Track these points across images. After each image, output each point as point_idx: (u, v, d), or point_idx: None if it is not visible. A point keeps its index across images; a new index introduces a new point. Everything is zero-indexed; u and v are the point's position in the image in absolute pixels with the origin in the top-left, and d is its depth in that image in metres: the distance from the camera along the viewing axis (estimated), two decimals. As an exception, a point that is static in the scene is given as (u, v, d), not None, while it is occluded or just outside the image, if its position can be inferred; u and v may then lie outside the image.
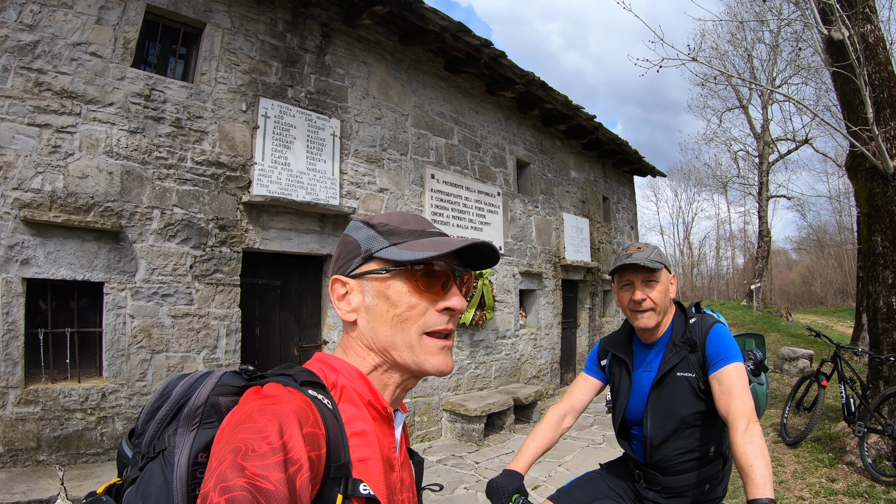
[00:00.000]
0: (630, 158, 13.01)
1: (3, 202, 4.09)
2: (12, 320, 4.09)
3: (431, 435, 7.24)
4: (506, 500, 2.06)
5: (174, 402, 0.93)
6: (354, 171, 6.65)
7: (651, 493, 2.33)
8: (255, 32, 5.71)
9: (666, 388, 2.22)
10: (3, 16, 4.16)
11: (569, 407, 2.48)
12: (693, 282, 40.68)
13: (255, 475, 0.68)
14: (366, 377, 1.01)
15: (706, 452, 2.22)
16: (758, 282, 20.67)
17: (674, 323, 2.31)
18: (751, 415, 1.90)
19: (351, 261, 1.03)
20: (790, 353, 9.75)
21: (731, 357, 2.07)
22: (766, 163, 21.63)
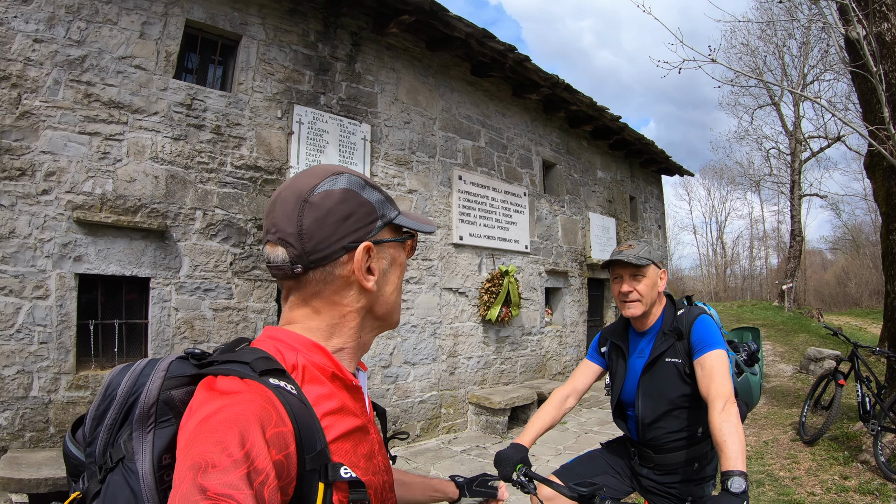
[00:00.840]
0: (657, 158, 12.90)
1: (58, 204, 4.36)
2: (65, 312, 4.35)
3: (457, 427, 7.37)
4: (510, 468, 2.20)
5: (121, 402, 0.84)
6: (385, 173, 6.82)
7: (645, 469, 2.50)
8: (289, 43, 5.92)
9: (656, 372, 2.38)
10: (52, 32, 4.42)
11: (571, 389, 2.67)
12: (726, 282, 39.65)
13: (217, 495, 0.62)
14: (325, 350, 0.94)
15: (694, 433, 2.36)
16: (789, 282, 20.16)
17: (664, 313, 2.47)
18: (728, 396, 2.02)
19: (371, 225, 0.96)
20: (816, 354, 9.57)
21: (714, 344, 2.20)
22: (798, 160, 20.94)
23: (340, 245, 0.92)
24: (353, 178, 0.97)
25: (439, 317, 7.28)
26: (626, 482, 2.60)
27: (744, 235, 42.39)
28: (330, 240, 0.91)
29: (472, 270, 7.81)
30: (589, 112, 9.76)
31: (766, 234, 39.00)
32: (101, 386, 0.88)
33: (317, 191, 0.92)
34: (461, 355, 7.55)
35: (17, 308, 4.16)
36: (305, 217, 0.90)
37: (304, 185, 0.93)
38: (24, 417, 4.15)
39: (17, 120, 4.24)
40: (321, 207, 0.91)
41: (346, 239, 0.92)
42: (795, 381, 9.20)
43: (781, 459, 5.58)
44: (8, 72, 4.23)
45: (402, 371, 6.74)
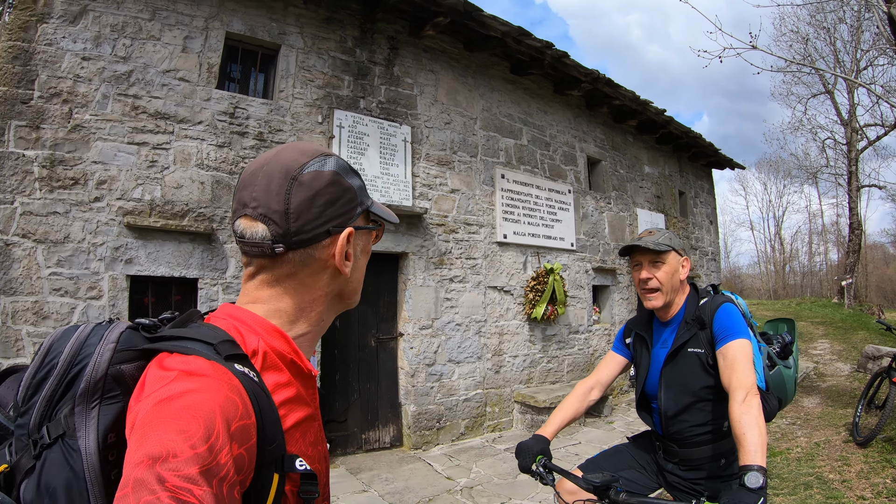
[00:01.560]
0: (706, 151, 12.39)
1: (109, 210, 4.54)
2: (118, 311, 4.51)
3: (502, 425, 7.25)
4: (530, 459, 2.17)
5: (62, 371, 0.78)
6: (426, 173, 6.80)
7: (670, 464, 2.37)
8: (327, 50, 5.99)
9: (678, 362, 2.27)
10: (99, 50, 4.63)
11: (595, 381, 2.58)
12: (785, 280, 37.77)
13: (176, 488, 0.59)
14: (287, 336, 0.89)
15: (720, 427, 2.22)
16: (849, 278, 18.99)
17: (687, 302, 2.35)
18: (750, 387, 1.90)
19: (352, 210, 0.94)
20: (874, 352, 8.95)
21: (737, 333, 2.08)
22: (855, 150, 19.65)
23: (325, 228, 0.88)
24: (341, 162, 0.94)
25: (484, 315, 7.20)
26: (652, 477, 2.47)
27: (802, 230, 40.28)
28: (316, 222, 0.87)
29: (516, 269, 7.69)
30: (633, 106, 9.48)
31: (825, 229, 36.97)
32: (40, 351, 0.81)
33: (306, 170, 0.88)
34: (506, 354, 7.44)
35: (72, 308, 4.34)
36: (294, 196, 0.86)
37: (292, 162, 0.88)
38: (80, 412, 4.31)
39: (69, 133, 4.44)
40: (310, 187, 0.87)
41: (332, 223, 0.89)
42: (852, 381, 8.67)
43: (832, 461, 5.23)
44: (59, 88, 4.44)
45: (446, 369, 6.69)
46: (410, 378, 6.35)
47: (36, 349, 4.04)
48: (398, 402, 6.40)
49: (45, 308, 4.27)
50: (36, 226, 4.28)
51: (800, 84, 21.06)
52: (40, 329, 4.23)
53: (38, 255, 4.27)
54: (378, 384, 6.32)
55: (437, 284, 6.68)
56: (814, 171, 25.23)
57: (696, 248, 12.45)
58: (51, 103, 4.41)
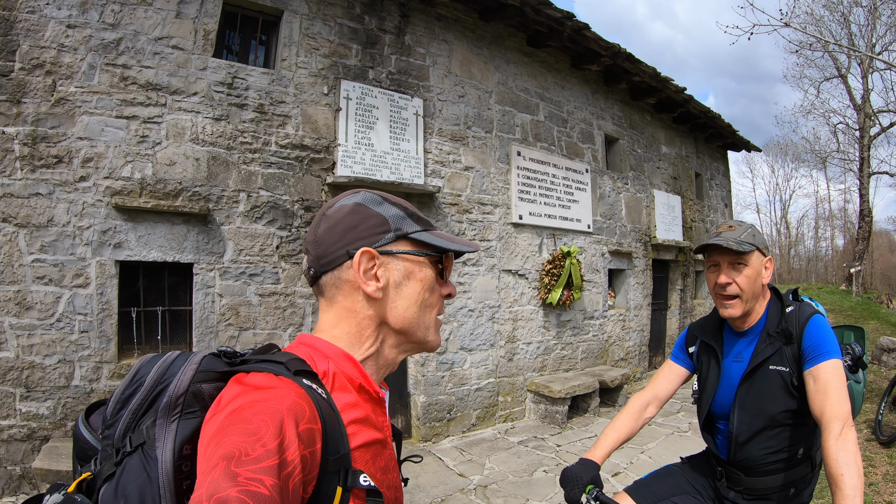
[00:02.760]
0: (723, 132, 11.86)
1: (96, 190, 4.14)
2: (106, 300, 4.15)
3: (515, 416, 6.92)
4: (579, 490, 1.89)
5: (149, 389, 0.85)
6: (439, 149, 6.37)
7: (732, 492, 2.06)
8: (333, 16, 5.51)
9: (757, 381, 1.95)
10: (85, 17, 4.19)
11: (652, 396, 2.26)
12: (790, 263, 37.46)
13: (248, 479, 0.64)
14: (354, 360, 0.95)
15: (794, 454, 1.93)
16: (858, 265, 18.53)
17: (768, 311, 2.00)
18: (846, 419, 1.63)
19: (379, 235, 0.97)
20: (890, 344, 8.54)
21: (830, 353, 1.78)
22: (867, 136, 19.12)
23: (344, 250, 0.95)
24: (369, 195, 1.01)
25: (497, 300, 6.83)
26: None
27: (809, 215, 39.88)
28: (336, 245, 0.95)
29: (532, 251, 7.29)
30: (652, 83, 8.96)
31: (833, 214, 36.49)
32: (130, 372, 0.89)
33: (334, 206, 0.99)
34: (520, 341, 7.08)
35: (58, 297, 3.99)
36: (321, 227, 0.98)
37: (328, 204, 1.01)
38: (65, 406, 4.01)
39: (53, 107, 4.04)
40: (333, 218, 0.97)
41: (351, 245, 0.95)
42: (868, 374, 8.31)
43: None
44: (42, 59, 4.04)
45: (458, 357, 6.34)
46: (420, 367, 6.00)
47: (16, 344, 3.79)
48: (407, 393, 6.06)
49: (29, 298, 3.92)
50: (17, 209, 3.91)
51: (813, 67, 20.51)
52: (23, 321, 3.89)
53: (20, 240, 3.91)
54: (386, 373, 5.98)
55: (449, 269, 6.30)
56: (824, 156, 24.68)
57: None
58: (33, 75, 4.01)
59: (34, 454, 3.84)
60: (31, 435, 3.92)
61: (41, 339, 3.93)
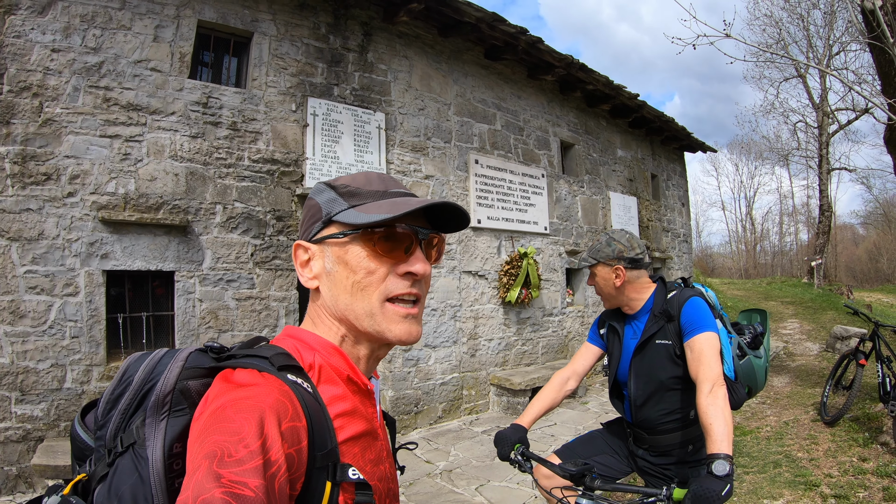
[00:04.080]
0: (678, 135, 12.62)
1: (83, 205, 4.52)
2: (95, 307, 4.53)
3: (479, 408, 7.44)
4: (508, 448, 2.32)
5: (137, 388, 0.86)
6: (400, 160, 6.85)
7: (640, 450, 2.53)
8: (300, 37, 5.96)
9: (647, 353, 2.41)
10: (69, 42, 4.56)
11: (571, 371, 2.72)
12: (756, 259, 38.65)
13: (232, 482, 0.64)
14: (341, 351, 0.95)
15: (687, 415, 2.38)
16: (819, 258, 19.54)
17: (654, 297, 2.47)
18: (716, 379, 2.05)
19: (312, 225, 0.96)
20: (842, 332, 9.33)
21: (704, 327, 2.22)
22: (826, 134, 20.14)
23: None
24: (317, 185, 1.01)
25: (459, 300, 7.33)
26: (624, 462, 2.64)
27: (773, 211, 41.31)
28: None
29: (490, 253, 7.82)
30: (606, 91, 9.59)
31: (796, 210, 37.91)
32: (118, 371, 0.89)
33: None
34: (482, 337, 7.60)
35: (49, 305, 4.35)
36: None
37: None
38: (58, 408, 4.36)
39: (41, 127, 4.39)
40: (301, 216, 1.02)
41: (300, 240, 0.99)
42: (821, 360, 9.03)
43: (801, 440, 5.51)
44: (29, 82, 4.38)
45: (422, 354, 6.82)
46: (388, 363, 6.47)
47: (11, 350, 4.13)
48: (376, 388, 6.51)
49: (22, 307, 4.26)
50: (9, 223, 4.25)
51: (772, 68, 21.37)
52: (17, 328, 4.23)
53: (13, 253, 4.25)
54: (356, 371, 6.40)
55: (414, 271, 6.76)
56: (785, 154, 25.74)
57: (668, 231, 12.73)
58: (21, 97, 4.35)
59: (30, 454, 4.18)
60: (27, 436, 4.25)
61: (34, 345, 4.28)
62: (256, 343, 0.94)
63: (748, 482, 4.64)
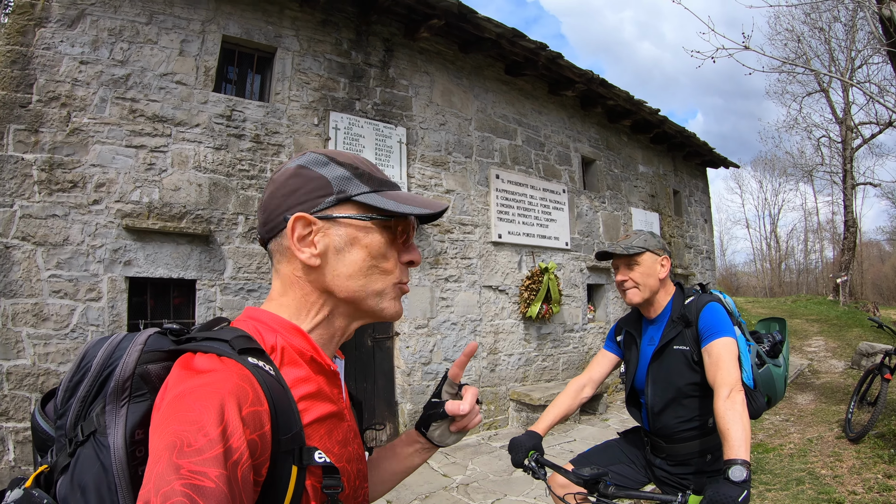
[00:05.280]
0: (700, 150, 12.48)
1: (108, 213, 4.61)
2: (117, 313, 4.59)
3: (498, 423, 7.34)
4: (523, 454, 2.23)
5: (96, 373, 0.82)
6: (421, 174, 6.88)
7: (658, 459, 2.45)
8: (322, 52, 6.06)
9: (665, 359, 2.34)
10: (97, 54, 4.70)
11: (587, 379, 2.65)
12: (781, 277, 37.83)
13: (192, 472, 0.62)
14: (303, 332, 0.92)
15: (705, 423, 2.30)
16: (844, 275, 19.09)
17: (673, 302, 2.42)
18: (734, 384, 1.97)
19: (318, 199, 0.92)
20: (868, 349, 9.07)
21: (722, 332, 2.15)
22: (850, 148, 19.78)
23: (283, 216, 0.91)
24: (314, 156, 0.96)
25: (479, 314, 7.28)
26: (642, 472, 2.56)
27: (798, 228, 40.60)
28: (277, 210, 0.92)
29: (511, 268, 7.78)
30: (627, 106, 9.56)
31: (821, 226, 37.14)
32: (76, 357, 0.86)
33: (280, 170, 0.96)
34: (502, 352, 7.52)
35: (72, 309, 4.41)
36: (266, 192, 0.97)
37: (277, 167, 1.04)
38: (79, 412, 4.38)
39: (68, 136, 4.50)
40: (276, 182, 0.95)
41: (290, 210, 0.91)
42: (846, 378, 8.78)
43: (825, 457, 5.33)
44: (57, 92, 4.51)
45: (441, 368, 6.76)
46: (407, 377, 6.43)
47: (33, 352, 4.20)
48: (394, 401, 6.48)
49: (45, 310, 4.33)
50: (35, 228, 4.34)
51: (795, 83, 21.14)
52: (40, 331, 4.30)
53: (38, 257, 4.34)
54: (374, 383, 6.39)
55: (433, 284, 6.76)
56: (809, 170, 25.30)
57: (690, 247, 12.55)
58: (49, 107, 4.48)
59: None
60: (47, 438, 4.29)
61: (56, 347, 4.34)
62: (217, 324, 0.92)
63: (770, 500, 4.48)
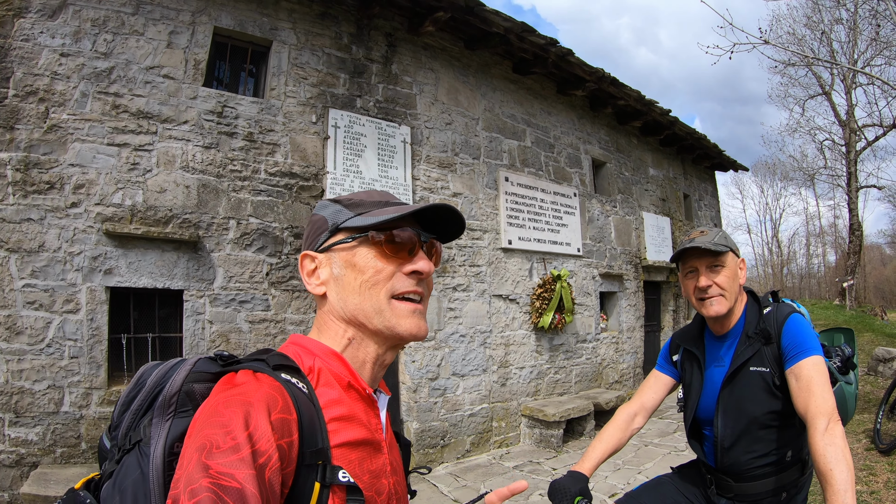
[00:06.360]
0: (710, 153, 12.20)
1: (87, 216, 4.26)
2: (96, 326, 4.23)
3: (509, 441, 6.96)
4: (567, 502, 1.87)
5: (148, 391, 0.90)
6: (427, 176, 6.54)
7: (723, 500, 2.06)
8: (321, 46, 5.73)
9: (738, 384, 1.97)
10: (78, 46, 4.37)
11: (639, 406, 2.27)
12: (783, 282, 37.88)
13: (219, 474, 0.66)
14: (342, 357, 0.97)
15: (783, 457, 1.93)
16: (850, 279, 18.86)
17: (746, 313, 2.05)
18: (832, 413, 1.63)
19: (318, 236, 1.01)
20: (885, 354, 8.71)
21: (810, 350, 1.79)
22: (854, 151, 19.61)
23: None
24: (322, 202, 1.07)
25: (489, 325, 6.92)
26: None
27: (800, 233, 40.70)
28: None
29: (522, 276, 7.43)
30: (637, 107, 9.26)
31: (823, 231, 37.30)
32: (134, 377, 0.94)
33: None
34: (513, 365, 7.15)
35: (48, 322, 4.07)
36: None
37: None
38: (55, 433, 4.05)
39: (45, 134, 4.17)
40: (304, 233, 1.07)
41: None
42: (864, 384, 8.40)
43: (857, 472, 4.94)
44: (35, 86, 4.19)
45: (450, 383, 6.40)
46: (413, 393, 6.06)
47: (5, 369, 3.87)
48: (400, 419, 6.10)
49: (19, 322, 3.99)
50: (9, 234, 4.01)
51: (797, 86, 21.22)
52: (13, 346, 3.96)
53: (11, 265, 4.00)
54: (378, 400, 6.02)
55: (440, 294, 6.41)
56: (812, 173, 25.24)
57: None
58: (26, 102, 4.15)
59: (22, 480, 3.86)
60: (20, 461, 3.93)
61: (31, 364, 3.99)
62: (266, 353, 0.94)
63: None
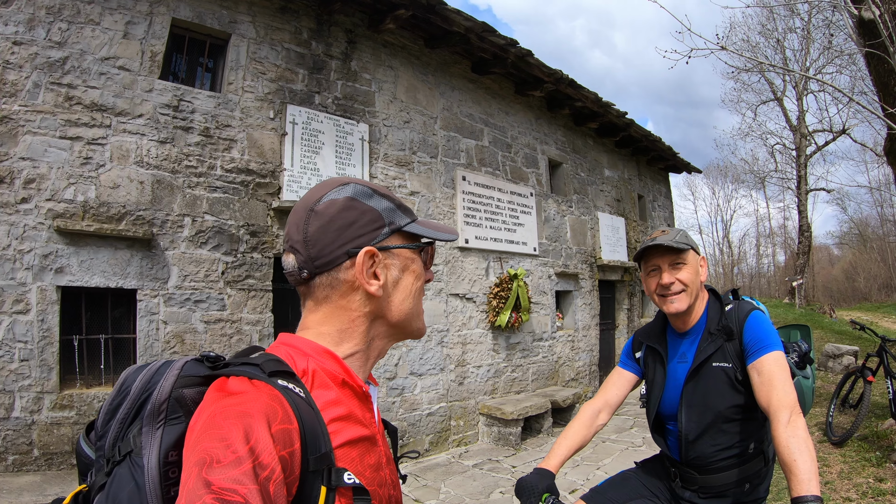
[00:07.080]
0: (664, 155, 12.66)
1: (38, 213, 4.17)
2: (47, 327, 4.15)
3: (468, 440, 7.11)
4: (535, 499, 1.95)
5: (134, 398, 0.87)
6: (384, 174, 6.61)
7: (688, 492, 2.17)
8: (280, 41, 5.73)
9: (701, 379, 2.07)
10: (32, 34, 4.26)
11: (603, 403, 2.34)
12: (734, 281, 39.49)
13: (221, 489, 0.65)
14: (337, 356, 0.96)
15: (745, 449, 2.05)
16: (799, 278, 19.92)
17: (708, 310, 2.16)
18: (793, 406, 1.74)
19: (375, 231, 0.99)
20: (834, 350, 9.32)
21: (771, 345, 1.91)
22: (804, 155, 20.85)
23: (343, 251, 0.95)
24: (359, 188, 1.01)
25: (446, 324, 7.04)
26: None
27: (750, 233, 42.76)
28: (332, 245, 0.95)
29: (479, 275, 7.57)
30: (594, 108, 9.54)
31: (773, 232, 39.11)
32: (117, 382, 0.91)
33: (322, 200, 0.98)
34: (470, 364, 7.30)
35: (-5, 324, 3.96)
36: (311, 225, 0.96)
37: (313, 197, 0.99)
38: (6, 440, 3.95)
39: (-6, 125, 4.05)
40: (324, 215, 0.96)
41: (349, 245, 0.96)
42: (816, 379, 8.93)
43: (813, 464, 5.31)
44: (-16, 75, 4.06)
45: (408, 382, 6.50)
46: (371, 392, 6.11)
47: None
48: (357, 419, 6.15)
49: (-37, 324, 3.88)
50: (-48, 230, 3.89)
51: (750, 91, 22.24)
52: (-43, 348, 3.84)
53: (-46, 263, 3.88)
54: (336, 400, 6.06)
55: (399, 292, 6.47)
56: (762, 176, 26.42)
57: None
58: (-27, 92, 4.03)
59: (-31, 491, 3.77)
60: (-35, 470, 3.84)
61: (-23, 368, 3.89)
62: (252, 352, 0.95)
63: (765, 515, 4.39)
